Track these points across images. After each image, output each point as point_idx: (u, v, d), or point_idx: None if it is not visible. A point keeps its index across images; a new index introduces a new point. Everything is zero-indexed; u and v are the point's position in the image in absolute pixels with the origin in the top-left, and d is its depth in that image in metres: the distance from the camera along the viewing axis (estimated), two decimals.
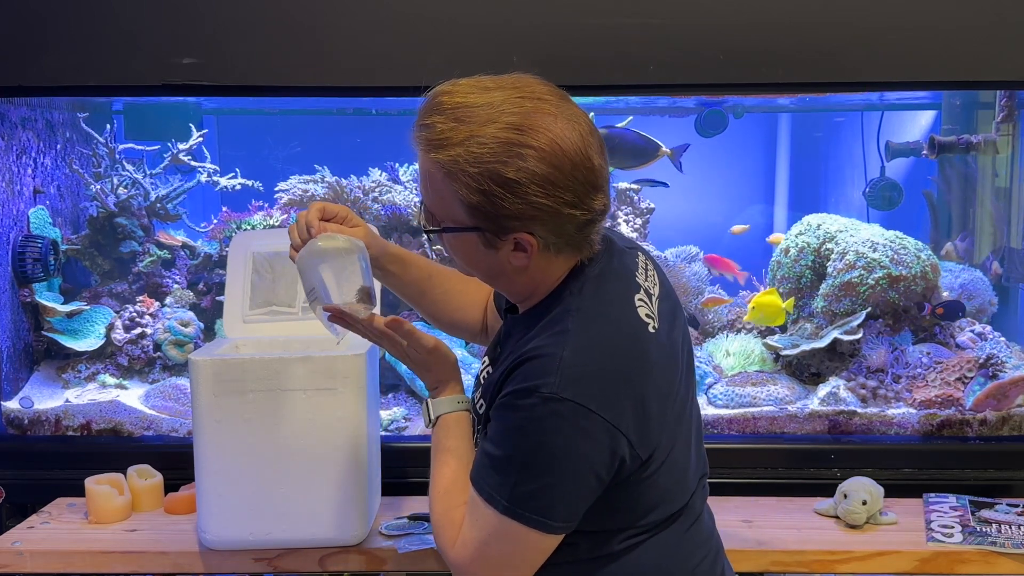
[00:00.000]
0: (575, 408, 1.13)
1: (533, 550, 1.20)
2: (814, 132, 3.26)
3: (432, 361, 1.37)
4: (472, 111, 1.16)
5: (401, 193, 2.66)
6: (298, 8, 2.05)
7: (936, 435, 2.22)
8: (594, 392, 1.14)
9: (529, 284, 1.26)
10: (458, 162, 1.15)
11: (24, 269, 2.35)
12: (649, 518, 1.26)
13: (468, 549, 1.22)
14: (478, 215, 1.18)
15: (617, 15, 2.03)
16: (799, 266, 2.55)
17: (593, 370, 1.15)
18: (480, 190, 1.15)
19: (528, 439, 1.15)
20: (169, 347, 2.47)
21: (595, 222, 1.22)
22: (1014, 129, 2.62)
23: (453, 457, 1.31)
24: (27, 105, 2.40)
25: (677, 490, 1.29)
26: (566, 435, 1.14)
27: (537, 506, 1.16)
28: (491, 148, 1.14)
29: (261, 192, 2.76)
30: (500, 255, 1.22)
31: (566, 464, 1.15)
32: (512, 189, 1.14)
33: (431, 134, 1.18)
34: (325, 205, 1.41)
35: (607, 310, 1.22)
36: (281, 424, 1.75)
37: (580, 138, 1.17)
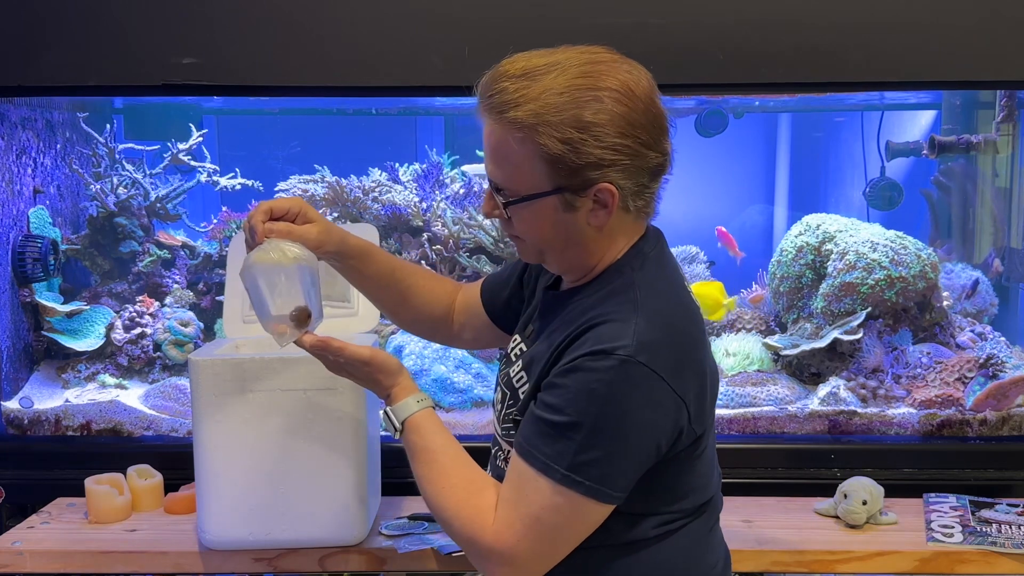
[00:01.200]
0: (648, 374, 1.13)
1: (584, 522, 1.18)
2: (814, 132, 3.26)
3: (373, 370, 1.33)
4: (539, 70, 1.17)
5: (401, 193, 2.66)
6: (298, 8, 2.05)
7: (936, 435, 2.22)
8: (666, 360, 1.15)
9: (598, 252, 1.26)
10: (538, 115, 1.16)
11: (24, 269, 2.35)
12: (682, 504, 1.27)
13: (513, 529, 1.18)
14: (559, 172, 1.18)
15: (617, 15, 2.03)
16: (799, 265, 2.55)
17: (664, 339, 1.17)
18: (562, 139, 1.15)
19: (597, 403, 1.14)
20: (169, 347, 2.47)
21: (663, 170, 1.23)
22: (1014, 129, 2.62)
23: (441, 454, 1.28)
24: (27, 105, 2.40)
25: (707, 482, 1.31)
26: (636, 401, 1.14)
27: (597, 474, 1.14)
28: (567, 96, 1.15)
29: (261, 192, 2.76)
30: (578, 217, 1.22)
31: (632, 431, 1.15)
32: (593, 132, 1.15)
33: (504, 97, 1.18)
34: (272, 204, 1.37)
35: (669, 288, 1.25)
36: (281, 424, 1.75)
37: (647, 81, 1.21)
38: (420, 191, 2.68)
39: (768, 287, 2.68)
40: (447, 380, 2.32)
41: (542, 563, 1.21)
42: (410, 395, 1.33)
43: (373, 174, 2.74)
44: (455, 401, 2.31)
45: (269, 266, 1.30)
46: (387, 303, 1.55)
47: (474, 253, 2.54)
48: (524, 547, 1.18)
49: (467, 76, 2.07)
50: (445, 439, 1.30)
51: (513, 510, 1.19)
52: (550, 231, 1.25)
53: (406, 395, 1.33)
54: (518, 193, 1.22)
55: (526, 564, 1.20)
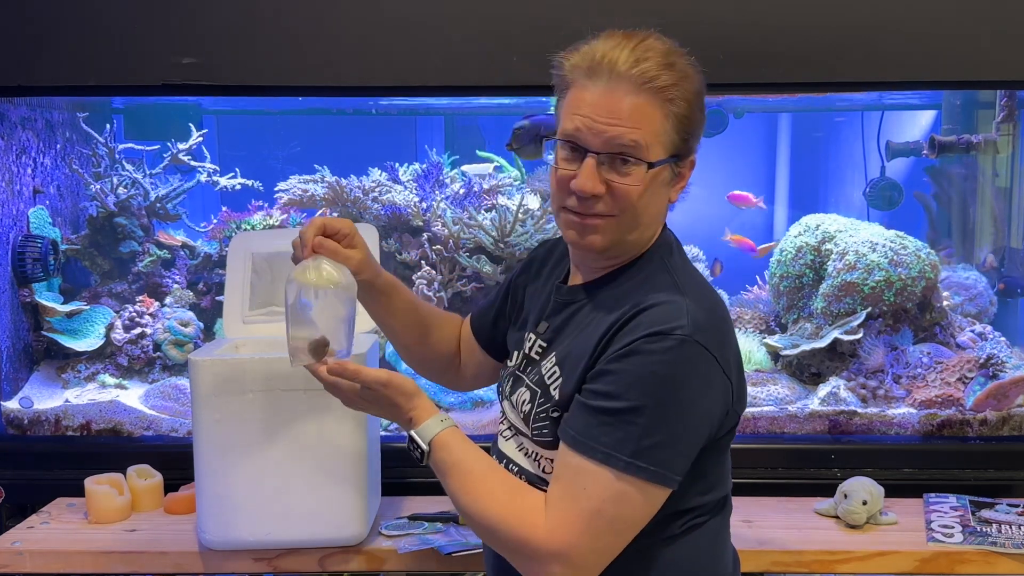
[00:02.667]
0: (703, 353, 1.15)
1: (647, 509, 1.17)
2: (814, 132, 3.26)
3: (392, 393, 1.30)
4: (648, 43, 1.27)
5: (401, 193, 2.66)
6: (298, 8, 2.05)
7: (936, 435, 2.22)
8: (717, 339, 1.18)
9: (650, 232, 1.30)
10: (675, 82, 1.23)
11: (24, 269, 2.35)
12: (710, 496, 1.28)
13: (571, 525, 1.15)
14: (679, 138, 1.25)
15: (617, 15, 2.02)
16: (799, 265, 2.55)
17: (711, 320, 1.19)
18: (688, 100, 1.24)
19: (660, 384, 1.14)
20: (169, 347, 2.47)
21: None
22: (1014, 129, 2.62)
23: (474, 463, 1.25)
24: (27, 105, 2.40)
25: (727, 476, 1.33)
26: (695, 381, 1.15)
27: (661, 458, 1.14)
28: (688, 70, 1.26)
29: (261, 192, 2.76)
30: (672, 191, 1.30)
31: (692, 411, 1.16)
32: (702, 101, 1.28)
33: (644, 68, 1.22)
34: (327, 221, 1.37)
35: (698, 273, 1.31)
36: (281, 424, 1.75)
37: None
38: (420, 191, 2.68)
39: (768, 284, 2.68)
40: None
41: (601, 558, 1.18)
42: (432, 416, 1.29)
43: (373, 174, 2.74)
44: (455, 401, 2.31)
45: (306, 286, 1.31)
46: (406, 339, 1.55)
47: (474, 253, 2.54)
48: (583, 543, 1.15)
49: (467, 76, 2.09)
50: (475, 451, 1.28)
51: (571, 506, 1.16)
52: (653, 204, 1.27)
53: (428, 416, 1.29)
54: (647, 159, 1.23)
55: (585, 560, 1.16)
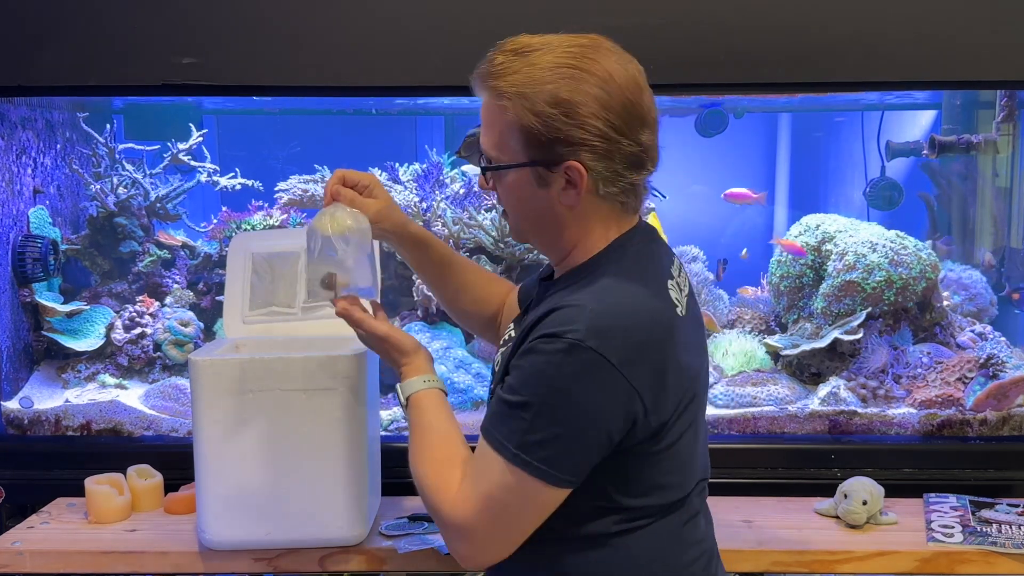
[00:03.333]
0: (597, 359, 1.15)
1: (535, 504, 1.21)
2: (814, 132, 3.26)
3: (389, 347, 1.41)
4: (531, 47, 1.25)
5: (401, 193, 2.66)
6: (298, 8, 2.05)
7: (936, 435, 2.22)
8: (617, 347, 1.16)
9: (572, 238, 1.29)
10: (515, 85, 1.22)
11: (24, 269, 2.35)
12: (646, 500, 1.27)
13: (470, 503, 1.22)
14: (533, 144, 1.23)
15: (617, 15, 2.03)
16: (799, 265, 2.55)
17: (620, 326, 1.18)
18: (535, 112, 1.21)
19: (546, 384, 1.17)
20: (169, 347, 2.47)
21: (642, 164, 1.26)
22: (1014, 129, 2.62)
23: (433, 431, 1.33)
24: (27, 105, 2.40)
25: (676, 481, 1.30)
26: (584, 384, 1.16)
27: (544, 455, 1.17)
28: (546, 73, 1.22)
29: (261, 192, 2.76)
30: (551, 195, 1.26)
31: (579, 414, 1.17)
32: (565, 109, 1.20)
33: (492, 67, 1.26)
34: (347, 173, 1.47)
35: (643, 278, 1.26)
36: (281, 424, 1.75)
37: (631, 74, 1.25)
38: (420, 191, 2.68)
39: (768, 285, 2.68)
40: (447, 380, 2.32)
41: (497, 544, 1.24)
42: (419, 375, 1.38)
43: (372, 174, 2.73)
44: (455, 401, 2.31)
45: (318, 231, 1.41)
46: (442, 294, 1.63)
47: (474, 253, 2.54)
48: (479, 524, 1.22)
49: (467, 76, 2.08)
50: (441, 419, 1.35)
51: (472, 485, 1.23)
52: (526, 206, 1.30)
53: (416, 374, 1.39)
54: (500, 162, 1.28)
55: (482, 542, 1.24)
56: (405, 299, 2.59)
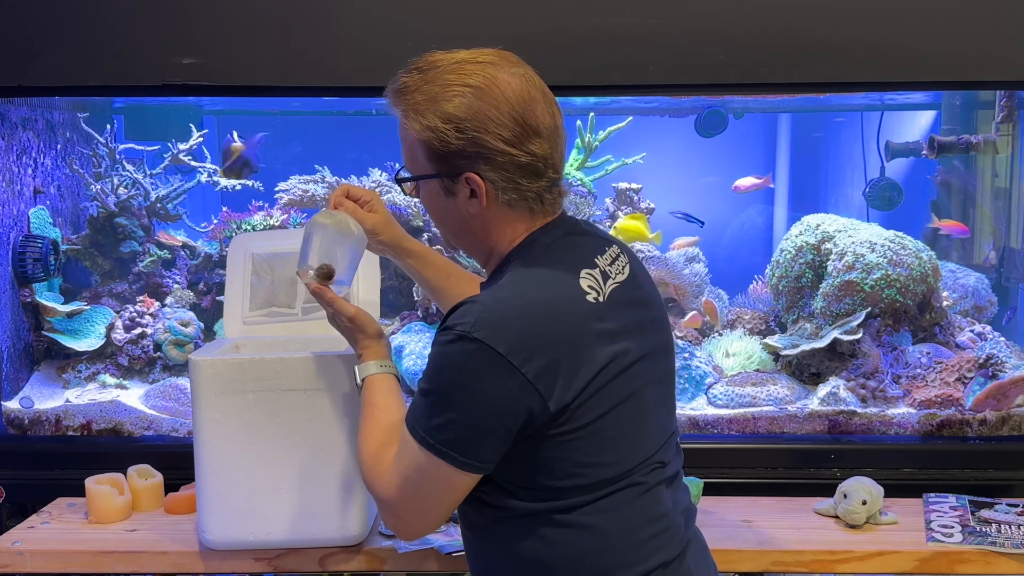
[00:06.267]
0: (484, 349, 1.21)
1: (446, 486, 1.28)
2: (814, 132, 3.26)
3: (355, 328, 1.51)
4: (435, 66, 1.31)
5: (401, 193, 2.66)
6: (298, 8, 2.05)
7: (936, 435, 2.22)
8: (507, 338, 1.21)
9: (488, 241, 1.37)
10: (414, 104, 1.31)
11: (24, 269, 2.35)
12: (575, 481, 1.28)
13: (393, 480, 1.31)
14: (433, 157, 1.32)
15: (617, 15, 2.03)
16: (798, 265, 2.55)
17: (510, 317, 1.23)
18: (429, 127, 1.29)
19: (440, 373, 1.25)
20: (169, 347, 2.47)
21: (539, 172, 1.31)
22: (1014, 129, 2.62)
23: (379, 411, 1.42)
24: (27, 105, 2.40)
25: (605, 461, 1.30)
26: (472, 373, 1.22)
27: (445, 439, 1.24)
28: (442, 91, 1.29)
29: (261, 192, 2.76)
30: (459, 204, 1.34)
31: (470, 402, 1.23)
32: (455, 124, 1.28)
33: (397, 86, 1.34)
34: (350, 188, 1.60)
35: (544, 271, 1.30)
36: (281, 424, 1.75)
37: (523, 87, 1.30)
38: None
39: (768, 284, 2.68)
40: None
41: (416, 519, 1.33)
42: (376, 359, 1.48)
43: (373, 174, 2.74)
44: None
45: (321, 226, 1.52)
46: (440, 303, 1.70)
47: None
48: (399, 499, 1.31)
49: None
50: (389, 401, 1.44)
51: (395, 463, 1.32)
52: (441, 215, 1.39)
53: (374, 358, 1.49)
54: (412, 174, 1.38)
55: (403, 516, 1.33)
56: (405, 299, 2.59)
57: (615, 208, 2.81)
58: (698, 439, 2.23)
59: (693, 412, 2.28)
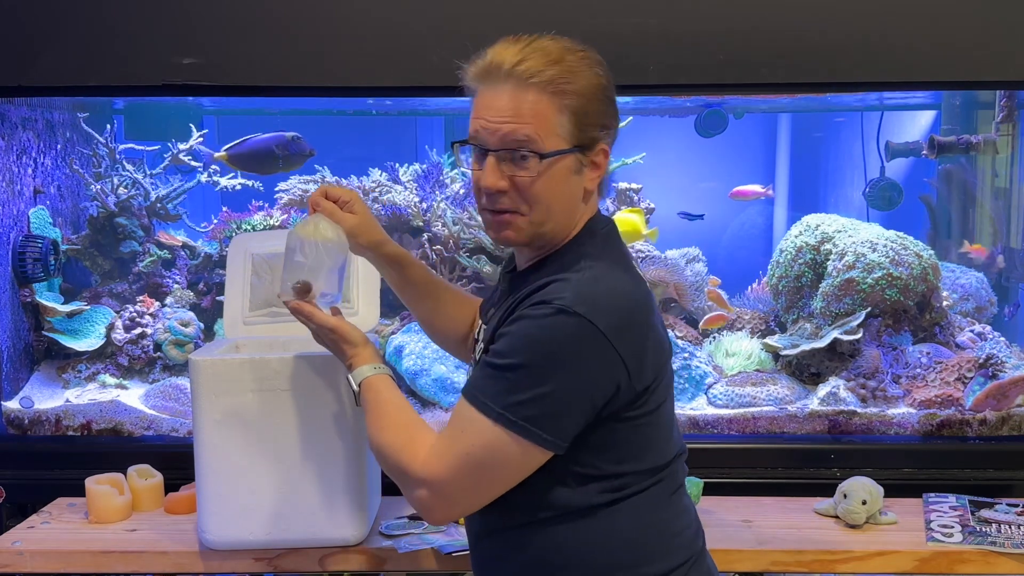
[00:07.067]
0: (584, 323, 1.21)
1: (515, 463, 1.25)
2: (814, 132, 3.26)
3: (338, 338, 1.48)
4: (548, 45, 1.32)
5: (401, 193, 2.66)
6: (298, 8, 2.05)
7: (936, 435, 2.22)
8: (603, 314, 1.22)
9: (575, 222, 1.36)
10: (556, 75, 1.28)
11: (24, 269, 2.35)
12: (630, 467, 1.30)
13: (444, 460, 1.27)
14: (579, 129, 1.30)
15: (617, 16, 2.03)
16: (798, 265, 2.55)
17: (605, 296, 1.25)
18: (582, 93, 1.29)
19: (534, 345, 1.22)
20: (169, 347, 2.47)
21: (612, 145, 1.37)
22: (1014, 129, 2.62)
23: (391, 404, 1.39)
24: (27, 105, 2.40)
25: (660, 448, 1.34)
26: (571, 347, 1.21)
27: (529, 415, 1.22)
28: (579, 61, 1.30)
29: (261, 192, 2.76)
30: (582, 180, 1.33)
31: (565, 376, 1.22)
32: (601, 94, 1.31)
33: (530, 64, 1.29)
34: (329, 188, 1.56)
35: (619, 259, 1.35)
36: (281, 424, 1.75)
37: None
38: (420, 191, 2.68)
39: (767, 284, 2.68)
40: (447, 380, 2.33)
41: (466, 499, 1.29)
42: (368, 363, 1.45)
43: (373, 174, 2.74)
44: (455, 401, 2.31)
45: (298, 237, 1.50)
46: (418, 312, 1.68)
47: (474, 253, 2.54)
48: (453, 479, 1.27)
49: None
50: (397, 395, 1.42)
51: (449, 444, 1.28)
52: (561, 194, 1.33)
53: (365, 363, 1.46)
54: (541, 151, 1.29)
55: (452, 497, 1.28)
56: None
57: (615, 208, 2.81)
58: (698, 439, 2.23)
59: (693, 412, 2.28)
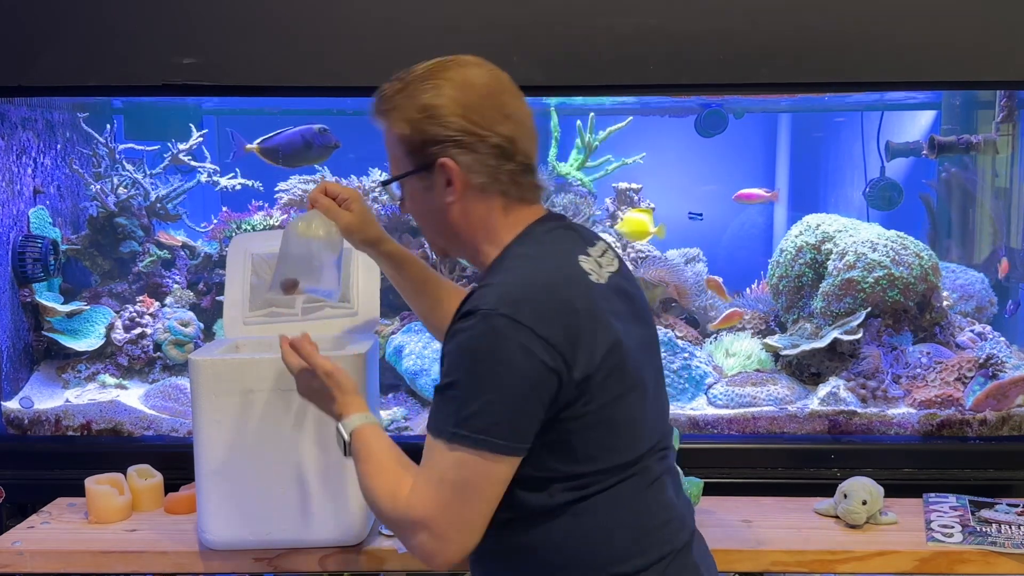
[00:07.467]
0: (510, 323, 1.22)
1: (485, 479, 1.24)
2: (814, 132, 3.26)
3: (332, 385, 1.45)
4: (412, 70, 1.39)
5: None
6: (298, 8, 2.05)
7: (936, 435, 2.22)
8: (529, 310, 1.23)
9: (472, 234, 1.38)
10: (391, 102, 1.38)
11: (24, 269, 2.35)
12: (588, 467, 1.29)
13: (422, 495, 1.25)
14: (411, 152, 1.36)
15: (617, 15, 2.03)
16: (798, 265, 2.55)
17: (529, 293, 1.26)
18: (405, 119, 1.35)
19: (469, 357, 1.23)
20: (169, 347, 2.47)
21: (509, 155, 1.35)
22: (1014, 129, 2.62)
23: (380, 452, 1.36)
24: (27, 105, 2.40)
25: (620, 445, 1.32)
26: (503, 349, 1.22)
27: (479, 425, 1.21)
28: (414, 86, 1.36)
29: (261, 192, 2.76)
30: (437, 196, 1.36)
31: (504, 377, 1.22)
32: (429, 112, 1.33)
33: (378, 95, 1.41)
34: (328, 185, 1.60)
35: (547, 255, 1.34)
36: (281, 424, 1.75)
37: (491, 78, 1.37)
38: None
39: (767, 284, 2.68)
40: None
41: (458, 531, 1.25)
42: (358, 412, 1.42)
43: (373, 174, 2.74)
44: None
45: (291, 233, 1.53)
46: (417, 308, 1.69)
47: None
48: (435, 512, 1.24)
49: None
50: (386, 443, 1.39)
51: (423, 480, 1.26)
52: (424, 215, 1.42)
53: (357, 411, 1.43)
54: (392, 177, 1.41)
55: (443, 531, 1.24)
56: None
57: (615, 208, 2.81)
58: (698, 439, 2.23)
59: (693, 412, 2.28)
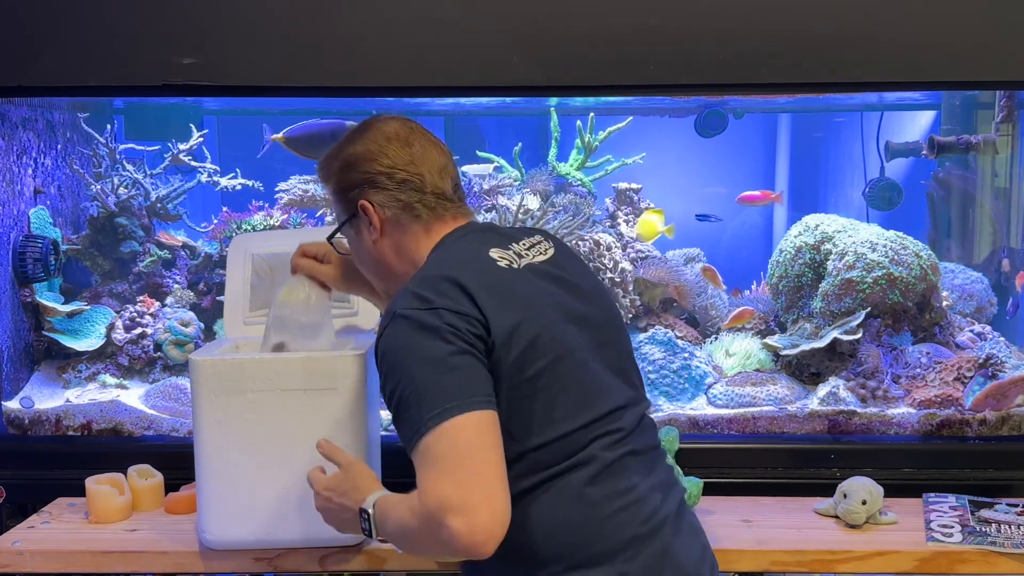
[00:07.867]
0: (411, 310, 1.33)
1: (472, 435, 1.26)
2: (814, 132, 3.26)
3: (355, 472, 1.47)
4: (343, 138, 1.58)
5: None
6: (297, 8, 2.05)
7: (936, 435, 2.22)
8: (426, 291, 1.35)
9: (406, 269, 1.51)
10: (328, 163, 1.58)
11: (24, 269, 2.35)
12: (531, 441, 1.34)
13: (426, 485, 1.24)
14: (341, 202, 1.55)
15: (617, 15, 2.03)
16: (798, 265, 2.55)
17: (426, 281, 1.37)
18: (334, 172, 1.55)
19: (392, 353, 1.32)
20: (169, 347, 2.47)
21: (418, 188, 1.51)
22: (1014, 129, 2.62)
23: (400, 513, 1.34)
24: (27, 105, 2.40)
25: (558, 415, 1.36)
26: (421, 332, 1.31)
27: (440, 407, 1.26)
28: (342, 145, 1.56)
29: (261, 192, 2.77)
30: (364, 239, 1.54)
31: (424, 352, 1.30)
32: (346, 162, 1.54)
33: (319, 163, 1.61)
34: (304, 247, 1.77)
35: (451, 254, 1.47)
36: (281, 424, 1.75)
37: (401, 126, 1.54)
38: None
39: (767, 284, 2.68)
40: None
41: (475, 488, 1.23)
42: (380, 490, 1.43)
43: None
44: None
45: (276, 302, 1.76)
46: None
47: None
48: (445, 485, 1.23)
49: (467, 76, 2.09)
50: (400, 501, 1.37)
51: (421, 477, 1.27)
52: (364, 262, 1.59)
53: (377, 490, 1.43)
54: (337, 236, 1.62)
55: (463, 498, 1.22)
56: None
57: (615, 208, 2.81)
58: (698, 439, 2.23)
59: (693, 412, 2.29)
